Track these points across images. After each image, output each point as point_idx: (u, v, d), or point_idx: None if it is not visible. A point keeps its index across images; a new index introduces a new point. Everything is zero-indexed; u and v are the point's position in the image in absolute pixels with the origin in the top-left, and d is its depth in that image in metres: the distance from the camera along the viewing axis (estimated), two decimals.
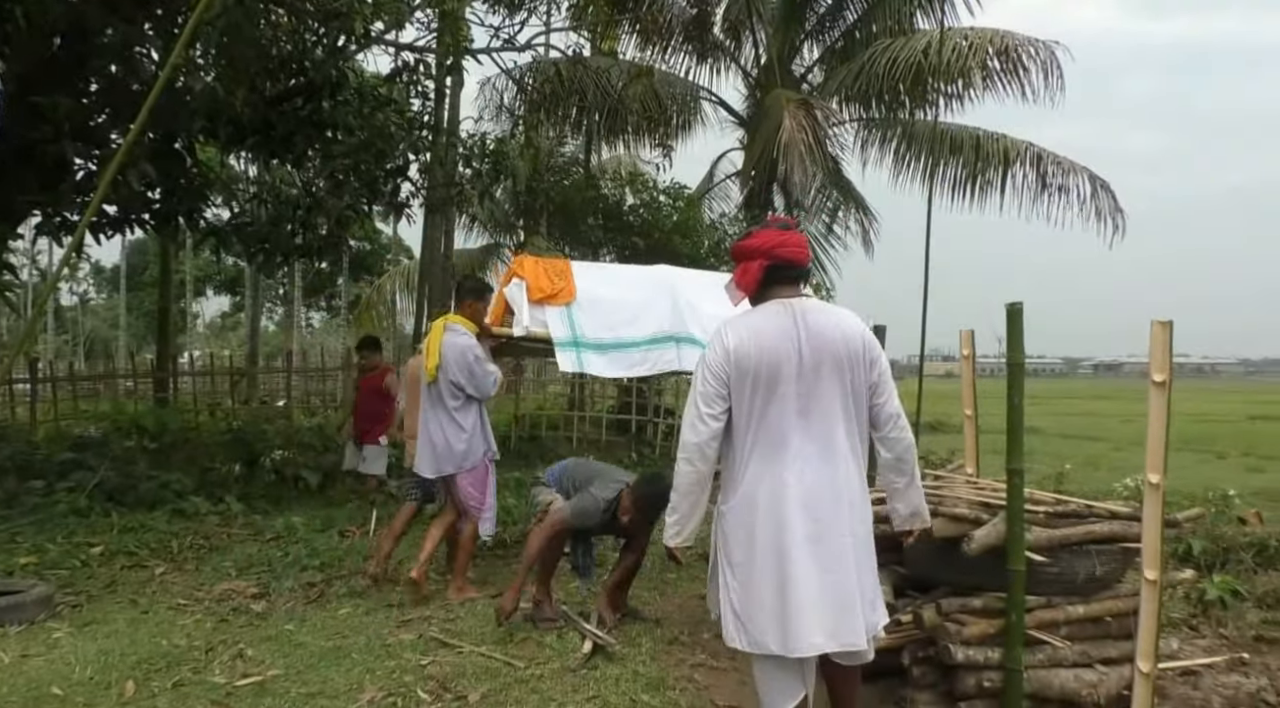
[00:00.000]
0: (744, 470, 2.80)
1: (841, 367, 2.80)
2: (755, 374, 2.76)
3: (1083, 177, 12.25)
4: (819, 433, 2.78)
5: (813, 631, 2.70)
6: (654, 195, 12.85)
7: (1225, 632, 4.65)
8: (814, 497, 2.75)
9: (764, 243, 2.88)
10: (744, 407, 2.78)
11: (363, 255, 30.95)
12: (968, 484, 4.30)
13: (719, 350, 2.81)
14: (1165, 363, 3.44)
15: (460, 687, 3.67)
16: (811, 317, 2.82)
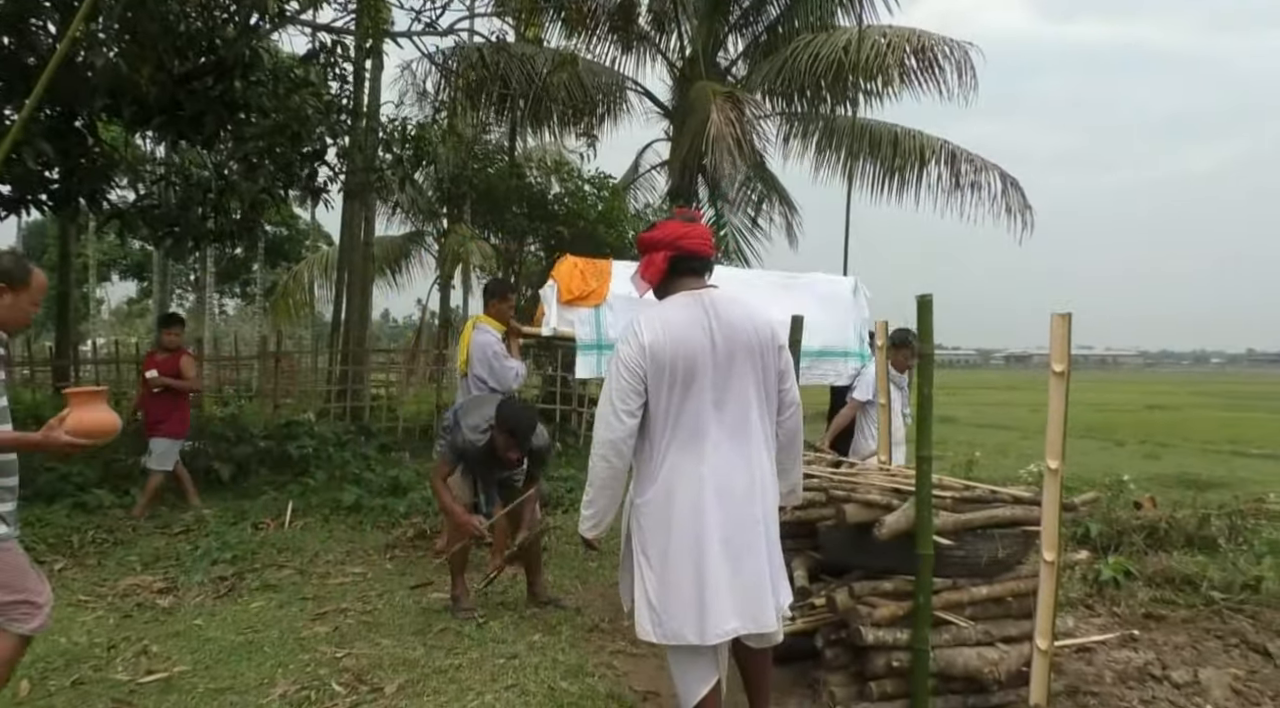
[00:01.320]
0: (661, 463, 2.81)
1: (754, 356, 2.84)
2: (672, 368, 2.76)
3: (994, 174, 12.66)
4: (734, 423, 2.82)
5: (728, 617, 2.76)
6: (579, 184, 12.81)
7: (1118, 610, 4.89)
8: (730, 486, 2.79)
9: (668, 235, 2.90)
10: (661, 401, 2.79)
11: (279, 241, 30.06)
12: (881, 471, 4.42)
13: (634, 346, 2.79)
14: (1064, 354, 3.59)
15: (376, 679, 3.62)
16: (722, 308, 2.86)
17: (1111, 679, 3.88)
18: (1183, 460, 13.00)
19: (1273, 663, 4.10)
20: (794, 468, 3.11)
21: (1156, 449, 14.99)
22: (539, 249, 13.98)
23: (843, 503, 3.54)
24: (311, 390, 12.07)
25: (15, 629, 2.85)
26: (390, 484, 7.98)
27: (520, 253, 13.90)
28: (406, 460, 9.25)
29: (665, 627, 2.78)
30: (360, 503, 7.29)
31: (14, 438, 2.77)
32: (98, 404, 2.78)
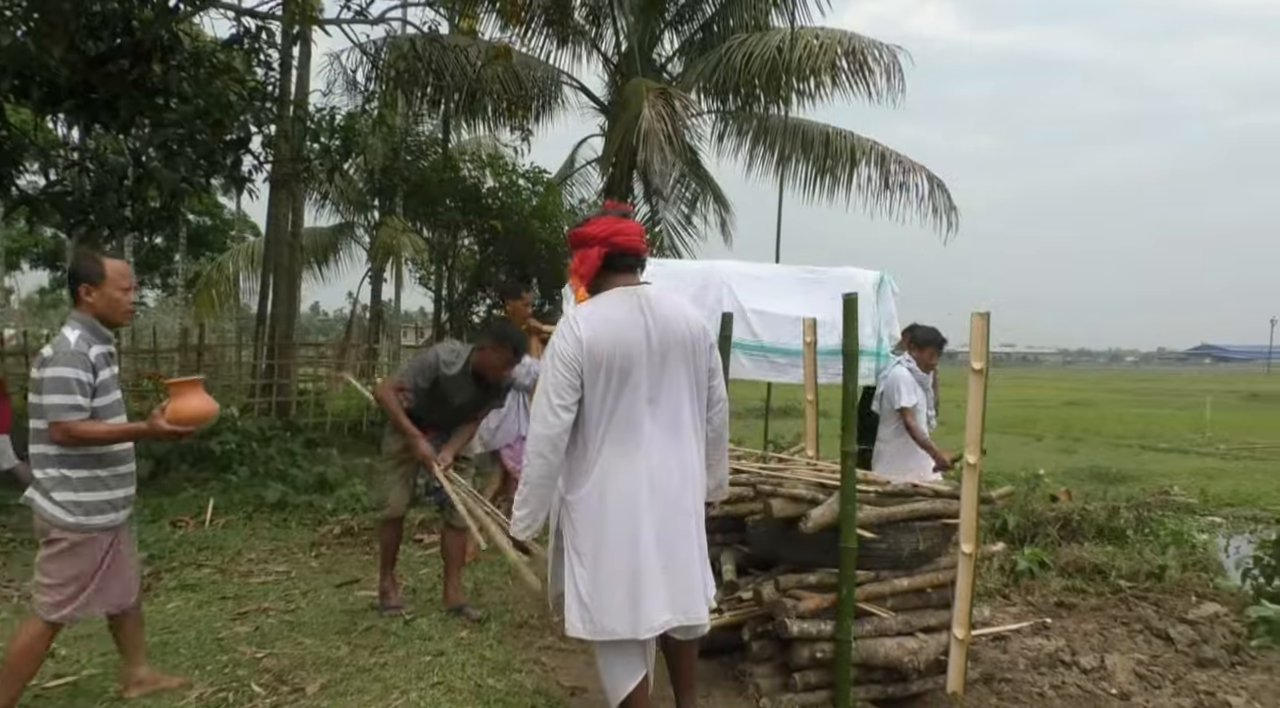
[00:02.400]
0: (595, 459, 2.81)
1: (687, 352, 2.87)
2: (609, 364, 2.76)
3: (922, 175, 12.93)
4: (667, 418, 2.84)
5: (661, 610, 2.78)
6: (513, 179, 12.69)
7: (1032, 599, 5.06)
8: (664, 481, 2.81)
9: (601, 230, 2.89)
10: (597, 396, 2.78)
11: (203, 231, 29.15)
12: (808, 466, 4.49)
13: (570, 341, 2.77)
14: (983, 352, 3.70)
15: (298, 679, 3.55)
16: (656, 304, 2.87)
17: (1025, 666, 4.02)
18: (1096, 455, 13.49)
19: (1174, 648, 4.29)
20: (720, 464, 3.14)
21: (1073, 444, 15.55)
22: (472, 243, 13.83)
23: (770, 498, 3.60)
24: (236, 385, 11.73)
25: (42, 612, 3.06)
26: (317, 481, 7.83)
27: (453, 247, 13.72)
28: (335, 457, 9.07)
29: (597, 623, 2.78)
30: (285, 500, 7.14)
31: (126, 429, 3.09)
32: (195, 392, 3.06)
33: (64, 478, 3.00)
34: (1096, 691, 3.75)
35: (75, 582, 3.06)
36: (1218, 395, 25.88)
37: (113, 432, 3.05)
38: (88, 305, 3.08)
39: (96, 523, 3.06)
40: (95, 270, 3.08)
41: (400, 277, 24.33)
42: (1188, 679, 3.85)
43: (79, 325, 3.06)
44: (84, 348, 3.00)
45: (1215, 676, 3.89)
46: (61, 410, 2.94)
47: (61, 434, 2.95)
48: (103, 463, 3.07)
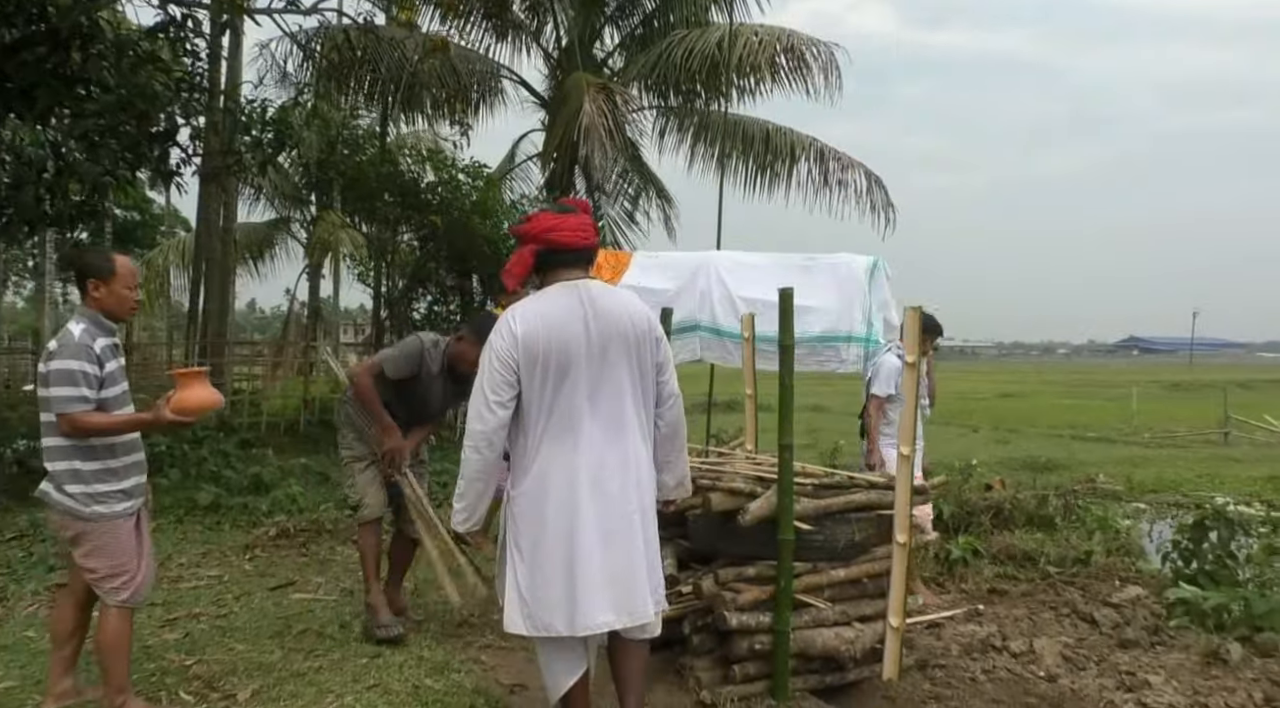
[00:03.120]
0: (535, 455, 2.78)
1: (629, 347, 2.83)
2: (545, 359, 2.73)
3: (860, 172, 13.12)
4: (609, 413, 2.81)
5: (601, 609, 2.75)
6: (452, 173, 12.54)
7: (966, 587, 5.18)
8: (604, 477, 2.78)
9: (536, 228, 2.85)
10: (534, 392, 2.75)
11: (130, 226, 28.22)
12: (747, 460, 4.53)
13: (507, 337, 2.74)
14: (915, 345, 3.77)
15: (229, 685, 3.46)
16: (599, 298, 2.83)
17: (958, 652, 4.11)
18: (1029, 445, 13.87)
19: (1098, 630, 4.43)
20: (679, 460, 3.09)
21: (1007, 435, 15.96)
22: (412, 239, 13.64)
23: (709, 492, 3.61)
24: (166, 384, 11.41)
25: (111, 601, 3.12)
26: (252, 482, 7.66)
27: (393, 243, 13.52)
28: (270, 457, 8.88)
29: (535, 619, 2.75)
30: (219, 502, 6.97)
31: (132, 419, 3.16)
32: (200, 384, 3.12)
33: (75, 471, 3.06)
34: (1025, 673, 3.85)
35: (122, 567, 3.13)
36: (1143, 386, 26.77)
37: (118, 422, 3.11)
38: (95, 300, 3.15)
39: (113, 511, 3.12)
40: (105, 267, 3.16)
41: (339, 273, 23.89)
42: (1111, 660, 3.98)
43: (84, 319, 3.14)
44: (88, 340, 3.07)
45: (1136, 656, 4.03)
46: (67, 402, 3.00)
47: (68, 426, 3.02)
48: (114, 454, 3.13)
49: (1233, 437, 16.67)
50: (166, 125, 7.52)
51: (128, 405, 3.21)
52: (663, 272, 6.39)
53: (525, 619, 2.77)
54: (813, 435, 12.20)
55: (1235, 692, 3.56)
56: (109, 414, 3.09)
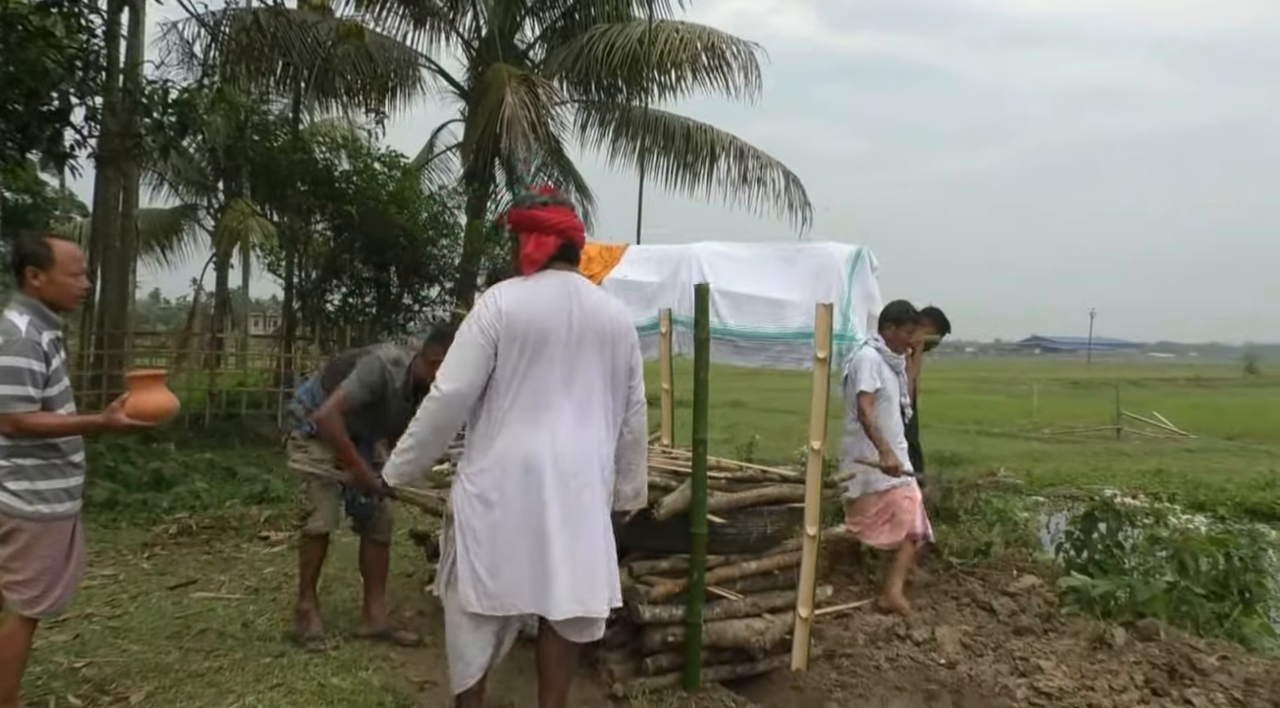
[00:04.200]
0: (499, 432, 2.77)
1: (605, 344, 2.88)
2: (524, 337, 2.75)
3: (778, 171, 13.33)
4: (579, 402, 2.83)
5: (566, 594, 2.73)
6: (368, 163, 12.26)
7: (873, 578, 5.32)
8: (570, 462, 2.78)
9: (561, 222, 2.89)
10: (508, 368, 2.77)
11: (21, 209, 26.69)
12: (663, 454, 4.56)
13: (491, 309, 2.78)
14: (826, 342, 3.86)
15: (121, 688, 3.33)
16: (584, 293, 2.90)
17: (864, 641, 4.22)
18: (937, 440, 14.28)
19: (996, 618, 4.61)
20: (640, 469, 3.12)
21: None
22: (326, 229, 13.28)
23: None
24: None
25: (24, 609, 2.92)
26: (152, 478, 7.37)
27: (305, 232, 13.14)
28: (172, 452, 8.56)
29: (496, 598, 2.72)
30: (115, 499, 6.69)
31: (80, 421, 3.01)
32: (156, 387, 2.97)
33: (17, 467, 2.87)
34: (927, 661, 3.98)
35: (47, 574, 2.93)
36: (1044, 384, 27.92)
37: (64, 424, 2.94)
38: (35, 289, 2.94)
39: (55, 512, 2.94)
40: (43, 253, 2.93)
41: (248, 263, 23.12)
42: (1006, 647, 4.15)
43: (27, 310, 2.91)
44: (35, 335, 2.86)
45: (1030, 642, 4.20)
46: (11, 402, 2.81)
47: (11, 427, 2.83)
48: (58, 451, 2.95)
49: (1125, 432, 17.54)
50: (59, 104, 7.15)
51: (69, 403, 3.02)
52: (649, 265, 6.20)
53: (484, 599, 2.74)
54: (730, 431, 12.37)
55: (1119, 674, 3.75)
56: (57, 416, 2.91)
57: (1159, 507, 5.80)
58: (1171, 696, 3.58)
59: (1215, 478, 10.61)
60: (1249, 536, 5.04)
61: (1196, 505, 8.77)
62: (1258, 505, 8.97)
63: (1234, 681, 3.66)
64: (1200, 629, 4.39)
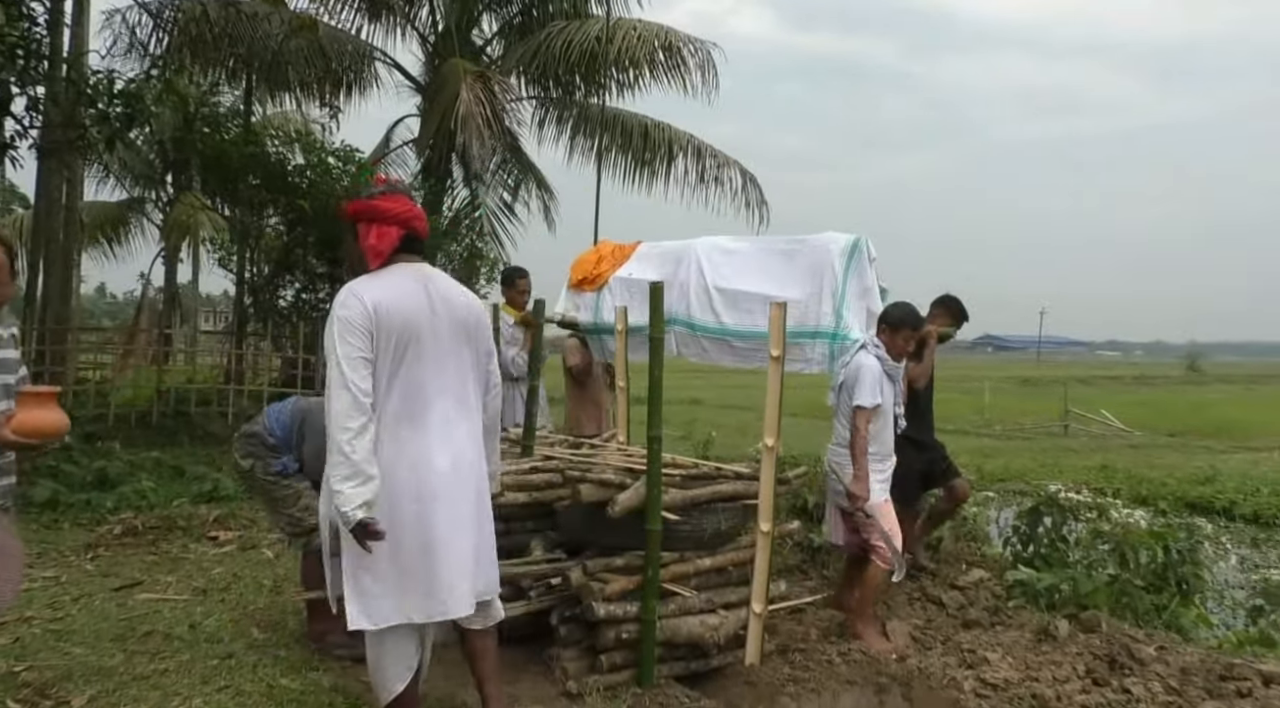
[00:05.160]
0: (382, 434, 2.69)
1: (469, 333, 2.89)
2: (398, 333, 2.71)
3: (735, 170, 13.42)
4: (454, 394, 2.83)
5: (463, 593, 2.74)
6: (322, 157, 12.08)
7: (827, 573, 5.38)
8: (455, 455, 2.79)
9: (402, 211, 2.84)
10: (384, 366, 2.71)
11: None
12: (619, 452, 4.57)
13: (359, 309, 2.68)
14: (780, 340, 3.90)
15: (63, 692, 3.25)
16: (439, 282, 2.89)
17: (817, 636, 4.28)
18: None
19: (945, 611, 4.70)
20: (496, 451, 3.15)
21: None
22: (279, 223, 13.06)
23: (578, 483, 3.63)
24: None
25: None
26: (96, 477, 7.19)
27: (257, 227, 12.90)
28: (117, 450, 8.36)
29: (384, 610, 2.69)
30: (57, 499, 6.52)
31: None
32: (46, 405, 2.75)
33: None
34: (878, 655, 4.04)
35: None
36: (996, 381, 28.43)
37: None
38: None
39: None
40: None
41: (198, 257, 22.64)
42: (955, 640, 4.23)
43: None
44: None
45: (978, 635, 4.29)
46: None
47: None
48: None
49: (1072, 429, 17.96)
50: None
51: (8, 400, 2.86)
52: (653, 262, 5.96)
53: (370, 614, 2.69)
54: (687, 427, 12.41)
55: (1062, 665, 3.84)
56: None
57: (1102, 502, 5.95)
58: (1112, 685, 3.68)
59: (1157, 473, 10.93)
60: (1187, 529, 5.20)
61: (1139, 500, 9.03)
62: (1197, 500, 9.27)
63: (1171, 670, 3.77)
64: (1140, 620, 4.52)
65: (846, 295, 5.09)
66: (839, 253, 5.15)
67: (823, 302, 5.04)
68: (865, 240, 5.17)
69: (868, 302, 4.99)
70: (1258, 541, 8.05)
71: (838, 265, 5.12)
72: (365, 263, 2.85)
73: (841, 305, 5.05)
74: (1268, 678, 3.64)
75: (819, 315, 5.02)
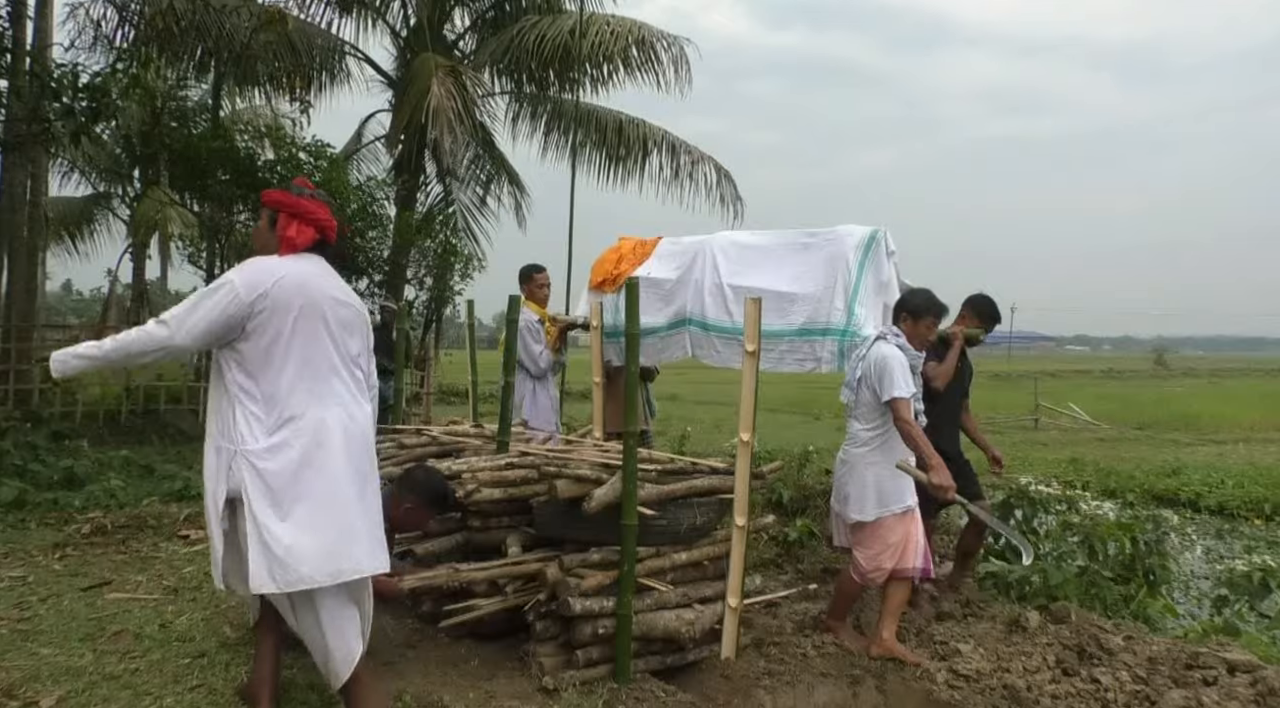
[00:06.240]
0: (286, 406, 2.83)
1: (356, 328, 3.08)
2: (299, 310, 2.86)
3: (710, 165, 13.45)
4: (351, 375, 3.03)
5: (361, 555, 2.89)
6: (293, 152, 11.95)
7: (802, 567, 5.42)
8: (353, 432, 2.95)
9: (323, 217, 3.05)
10: (286, 341, 2.85)
11: None
12: (595, 447, 4.57)
13: (264, 277, 2.84)
14: (755, 335, 3.91)
15: (31, 692, 3.19)
16: (335, 279, 3.09)
17: (791, 630, 4.30)
18: None
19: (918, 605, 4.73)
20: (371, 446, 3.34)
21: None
22: (249, 219, 12.91)
23: (555, 479, 3.62)
24: None
25: None
26: (64, 476, 7.10)
27: (227, 222, 12.75)
28: (85, 449, 8.24)
29: (292, 574, 2.75)
30: (24, 498, 6.41)
31: None
32: None
33: None
34: (852, 647, 4.08)
35: None
36: None
37: None
38: None
39: None
40: None
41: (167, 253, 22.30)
42: (928, 632, 4.27)
43: None
44: None
45: (950, 627, 4.34)
46: None
47: None
48: None
49: (1042, 423, 18.18)
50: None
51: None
52: (670, 260, 5.82)
53: (280, 576, 2.76)
54: (663, 423, 12.43)
55: (1032, 656, 3.90)
56: None
57: (1072, 494, 6.03)
58: (1081, 675, 3.74)
59: (1125, 466, 11.10)
60: (1154, 521, 5.28)
61: (1108, 493, 9.17)
62: (1164, 492, 9.43)
63: (1138, 659, 3.83)
64: (1108, 611, 4.59)
65: (860, 290, 4.87)
66: (854, 246, 4.94)
67: (835, 297, 4.85)
68: (884, 233, 4.93)
69: (885, 297, 4.75)
70: (1222, 532, 8.21)
71: (852, 259, 4.91)
72: (273, 249, 3.01)
73: (854, 301, 4.84)
74: (1232, 666, 3.71)
75: (830, 312, 4.85)
